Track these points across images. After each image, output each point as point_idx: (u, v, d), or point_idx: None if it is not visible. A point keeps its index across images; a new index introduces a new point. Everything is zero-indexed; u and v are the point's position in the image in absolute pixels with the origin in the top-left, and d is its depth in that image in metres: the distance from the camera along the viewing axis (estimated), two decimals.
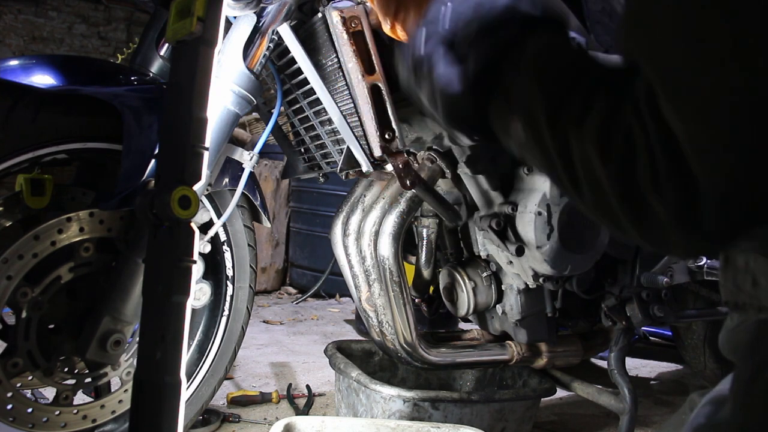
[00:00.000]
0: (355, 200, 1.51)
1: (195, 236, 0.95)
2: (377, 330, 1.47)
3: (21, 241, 1.16)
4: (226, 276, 1.50)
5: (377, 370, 1.73)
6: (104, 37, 5.90)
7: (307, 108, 1.32)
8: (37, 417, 1.23)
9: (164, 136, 1.04)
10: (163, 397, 0.91)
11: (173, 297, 0.93)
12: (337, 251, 1.54)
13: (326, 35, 1.16)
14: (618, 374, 1.46)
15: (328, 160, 1.38)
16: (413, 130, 1.40)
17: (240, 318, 1.53)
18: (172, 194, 0.91)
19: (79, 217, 1.22)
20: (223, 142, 1.25)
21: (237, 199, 1.32)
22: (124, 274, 1.19)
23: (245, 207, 1.52)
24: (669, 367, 2.54)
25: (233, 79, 1.21)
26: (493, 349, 1.51)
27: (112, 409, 1.33)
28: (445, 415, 1.42)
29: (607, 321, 1.45)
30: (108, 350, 1.19)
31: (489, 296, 1.46)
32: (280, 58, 1.30)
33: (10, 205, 1.24)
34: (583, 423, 1.87)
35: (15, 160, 1.15)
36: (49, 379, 1.24)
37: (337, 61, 1.15)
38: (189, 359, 1.48)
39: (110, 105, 1.19)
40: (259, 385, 2.02)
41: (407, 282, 1.44)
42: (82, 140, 1.22)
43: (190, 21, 0.94)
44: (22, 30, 5.55)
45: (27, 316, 1.19)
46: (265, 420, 1.72)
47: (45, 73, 1.19)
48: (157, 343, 0.92)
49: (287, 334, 2.81)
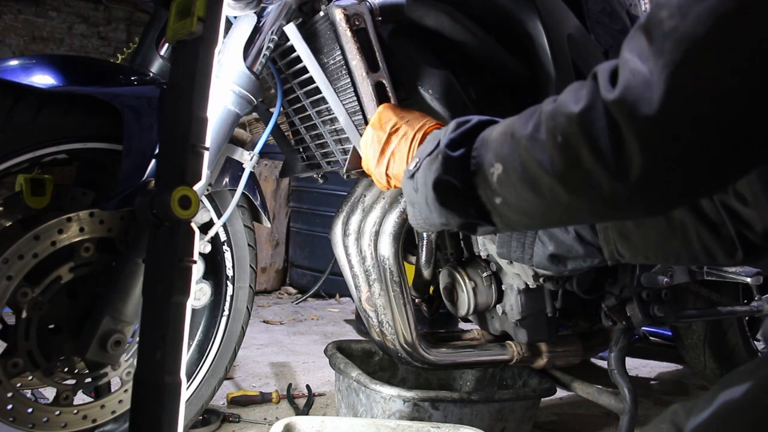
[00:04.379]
0: (355, 200, 1.51)
1: (195, 236, 0.95)
2: (377, 330, 1.47)
3: (21, 241, 1.16)
4: (226, 276, 1.50)
5: (377, 370, 1.73)
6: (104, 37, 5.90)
7: (310, 107, 1.32)
8: (37, 417, 1.23)
9: (164, 136, 1.05)
10: (163, 397, 0.91)
11: (173, 297, 0.93)
12: (337, 251, 1.54)
13: (329, 34, 1.16)
14: (618, 374, 1.46)
15: (329, 160, 1.38)
16: None
17: (240, 318, 1.53)
18: (172, 194, 0.91)
19: (79, 217, 1.22)
20: (223, 142, 1.25)
21: (237, 199, 1.32)
22: (124, 274, 1.19)
23: (245, 207, 1.52)
24: (669, 367, 2.54)
25: (233, 79, 1.21)
26: (493, 349, 1.51)
27: (112, 409, 1.33)
28: (445, 415, 1.42)
29: (607, 321, 1.45)
30: (108, 350, 1.19)
31: (489, 296, 1.46)
32: (282, 58, 1.30)
33: (10, 205, 1.24)
34: (583, 423, 1.87)
35: (15, 160, 1.15)
36: (49, 379, 1.24)
37: (340, 59, 1.15)
38: (189, 359, 1.48)
39: (110, 105, 1.19)
40: (259, 385, 2.02)
41: (407, 282, 1.44)
42: (82, 140, 1.22)
43: (190, 21, 0.94)
44: (22, 30, 5.54)
45: (27, 316, 1.19)
46: (265, 420, 1.72)
47: (45, 73, 1.19)
48: (157, 343, 0.92)
49: (287, 334, 2.81)
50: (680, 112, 0.54)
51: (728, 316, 1.77)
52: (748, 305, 1.76)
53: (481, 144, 0.75)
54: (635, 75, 0.56)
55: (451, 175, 0.77)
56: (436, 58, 1.26)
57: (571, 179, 0.63)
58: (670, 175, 0.58)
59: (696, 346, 2.03)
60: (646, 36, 0.56)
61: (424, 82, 1.23)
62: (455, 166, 0.76)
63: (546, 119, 0.65)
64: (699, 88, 0.53)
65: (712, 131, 0.54)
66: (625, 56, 0.58)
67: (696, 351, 2.03)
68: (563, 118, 0.62)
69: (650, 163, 0.57)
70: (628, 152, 0.57)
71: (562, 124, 0.62)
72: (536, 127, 0.66)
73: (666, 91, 0.54)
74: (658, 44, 0.55)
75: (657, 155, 0.56)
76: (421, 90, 1.23)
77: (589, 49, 1.43)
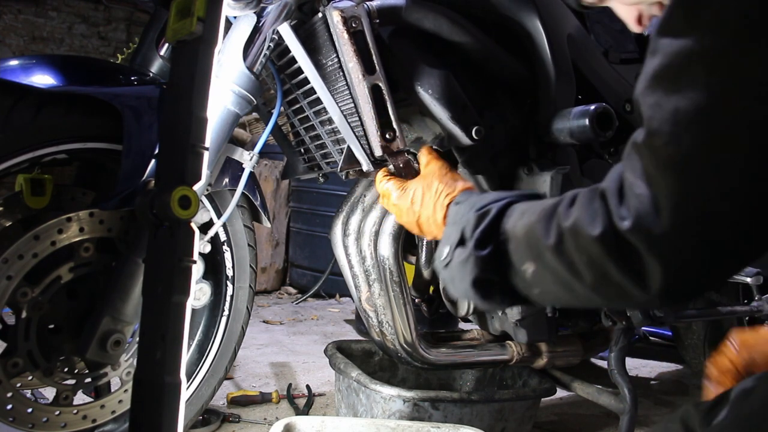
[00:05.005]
0: (355, 200, 1.51)
1: (195, 236, 0.95)
2: (377, 330, 1.47)
3: (21, 241, 1.16)
4: (226, 276, 1.50)
5: (377, 370, 1.73)
6: (104, 37, 5.89)
7: (307, 108, 1.32)
8: (37, 417, 1.23)
9: (164, 136, 1.05)
10: (163, 397, 0.91)
11: (173, 297, 0.93)
12: (337, 251, 1.54)
13: (326, 35, 1.16)
14: (618, 374, 1.46)
15: (328, 160, 1.38)
16: (413, 129, 1.40)
17: (240, 318, 1.53)
18: (172, 194, 0.91)
19: (79, 217, 1.22)
20: (223, 142, 1.25)
21: (237, 199, 1.32)
22: (124, 274, 1.19)
23: (245, 207, 1.52)
24: (669, 367, 2.54)
25: (233, 79, 1.21)
26: (493, 349, 1.51)
27: (112, 409, 1.33)
28: (445, 415, 1.42)
29: (607, 321, 1.45)
30: (108, 350, 1.19)
31: None
32: (280, 58, 1.30)
33: (10, 205, 1.24)
34: (583, 423, 1.87)
35: (15, 160, 1.15)
36: (49, 379, 1.24)
37: (337, 60, 1.15)
38: (189, 359, 1.48)
39: (110, 105, 1.19)
40: (259, 385, 2.02)
41: (407, 282, 1.44)
42: (82, 140, 1.22)
43: (190, 21, 0.94)
44: (22, 30, 5.54)
45: (27, 316, 1.19)
46: (265, 420, 1.72)
47: (45, 73, 1.19)
48: (157, 343, 0.92)
49: (287, 334, 2.81)
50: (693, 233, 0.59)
51: (728, 316, 1.77)
52: (748, 305, 1.76)
53: (507, 239, 0.78)
54: (642, 202, 0.61)
55: (487, 274, 0.80)
56: (436, 58, 1.26)
57: (603, 290, 0.68)
58: (689, 282, 0.63)
59: (696, 346, 2.03)
60: (645, 159, 0.61)
61: (423, 82, 1.23)
62: (489, 265, 0.79)
63: (567, 235, 0.69)
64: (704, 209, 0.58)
65: (723, 231, 0.59)
66: (628, 178, 0.63)
67: (696, 351, 2.04)
68: (584, 239, 0.66)
69: (670, 278, 0.62)
70: (648, 271, 0.62)
71: (585, 246, 0.66)
72: (559, 239, 0.69)
73: (675, 216, 0.59)
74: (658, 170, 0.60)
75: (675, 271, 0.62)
76: (420, 90, 1.23)
77: (588, 49, 1.43)
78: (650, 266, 0.62)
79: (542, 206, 0.75)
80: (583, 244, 0.66)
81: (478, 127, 1.23)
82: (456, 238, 0.85)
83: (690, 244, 0.60)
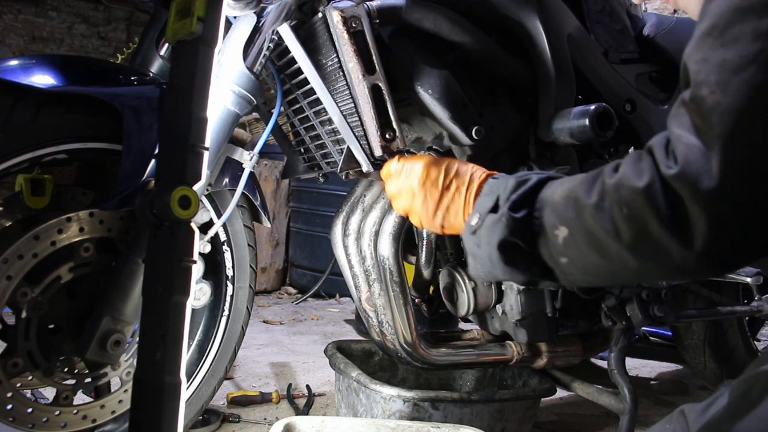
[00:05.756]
0: (355, 200, 1.51)
1: (195, 236, 0.95)
2: (377, 330, 1.47)
3: (21, 241, 1.16)
4: (226, 276, 1.50)
5: (377, 370, 1.73)
6: (104, 37, 5.90)
7: (307, 108, 1.32)
8: (37, 417, 1.23)
9: (164, 136, 1.05)
10: (163, 397, 0.91)
11: (173, 297, 0.93)
12: (337, 251, 1.54)
13: (326, 35, 1.16)
14: (618, 374, 1.46)
15: (328, 160, 1.38)
16: (413, 130, 1.40)
17: (240, 318, 1.53)
18: (172, 194, 0.91)
19: (79, 217, 1.22)
20: (223, 142, 1.25)
21: (237, 199, 1.32)
22: (124, 274, 1.19)
23: (245, 207, 1.52)
24: (669, 367, 2.54)
25: (233, 79, 1.21)
26: (493, 349, 1.50)
27: (112, 409, 1.33)
28: (445, 415, 1.42)
29: (607, 321, 1.45)
30: (108, 350, 1.19)
31: (489, 296, 1.46)
32: (280, 58, 1.30)
33: (10, 205, 1.24)
34: (583, 423, 1.87)
35: (15, 160, 1.15)
36: (49, 379, 1.24)
37: (337, 61, 1.15)
38: (189, 359, 1.48)
39: (110, 105, 1.19)
40: (259, 385, 2.02)
41: (407, 282, 1.44)
42: (82, 140, 1.22)
43: (190, 21, 0.94)
44: (22, 30, 5.54)
45: (27, 316, 1.19)
46: (265, 420, 1.72)
47: (45, 73, 1.19)
48: (157, 343, 0.92)
49: (287, 334, 2.81)
50: (739, 180, 0.59)
51: (728, 316, 1.77)
52: (748, 305, 1.76)
53: (543, 205, 0.78)
54: (691, 149, 0.61)
55: (516, 237, 0.80)
56: (436, 58, 1.26)
57: (640, 247, 0.67)
58: (734, 240, 0.62)
59: (696, 346, 2.03)
60: (692, 112, 0.61)
61: (423, 82, 1.23)
62: (519, 228, 0.79)
63: (610, 191, 0.69)
64: (752, 154, 0.58)
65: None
66: (675, 132, 0.63)
67: (696, 351, 2.03)
68: (628, 191, 0.66)
69: (714, 231, 0.61)
70: (692, 222, 0.62)
71: (628, 198, 0.66)
72: (601, 197, 0.70)
73: (723, 161, 0.59)
74: (706, 119, 0.60)
75: (721, 223, 0.61)
76: (420, 90, 1.23)
77: (589, 49, 1.43)
78: (694, 216, 0.61)
79: (584, 175, 0.75)
80: (625, 197, 0.66)
81: (478, 127, 1.23)
82: (489, 205, 0.85)
83: (739, 197, 0.59)
